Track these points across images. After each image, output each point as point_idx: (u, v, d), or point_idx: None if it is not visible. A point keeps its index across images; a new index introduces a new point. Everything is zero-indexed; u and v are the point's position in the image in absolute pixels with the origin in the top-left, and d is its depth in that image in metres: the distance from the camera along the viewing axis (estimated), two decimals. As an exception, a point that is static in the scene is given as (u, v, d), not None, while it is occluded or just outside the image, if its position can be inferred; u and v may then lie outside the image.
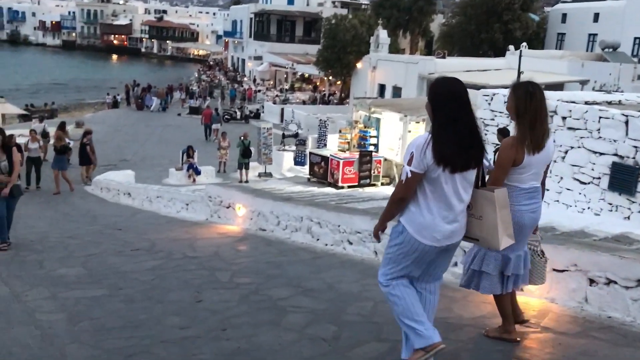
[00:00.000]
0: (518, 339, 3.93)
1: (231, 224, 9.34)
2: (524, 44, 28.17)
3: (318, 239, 7.44)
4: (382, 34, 35.06)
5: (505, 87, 13.91)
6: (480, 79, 23.89)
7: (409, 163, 3.20)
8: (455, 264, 5.46)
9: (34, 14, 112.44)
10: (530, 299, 4.80)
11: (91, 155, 18.04)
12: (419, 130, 16.56)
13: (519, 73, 21.32)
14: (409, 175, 3.21)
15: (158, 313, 4.93)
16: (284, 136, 23.29)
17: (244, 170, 18.92)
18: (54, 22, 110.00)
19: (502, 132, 10.07)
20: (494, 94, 12.27)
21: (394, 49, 37.82)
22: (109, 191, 15.25)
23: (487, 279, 3.78)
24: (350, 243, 6.95)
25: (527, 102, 3.56)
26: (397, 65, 30.94)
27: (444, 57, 29.85)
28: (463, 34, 40.01)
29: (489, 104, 12.29)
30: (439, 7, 51.61)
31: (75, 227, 10.20)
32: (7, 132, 18.75)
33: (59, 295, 5.54)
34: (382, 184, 17.50)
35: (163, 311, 4.98)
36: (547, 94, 3.89)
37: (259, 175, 19.84)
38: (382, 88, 32.13)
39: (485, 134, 12.36)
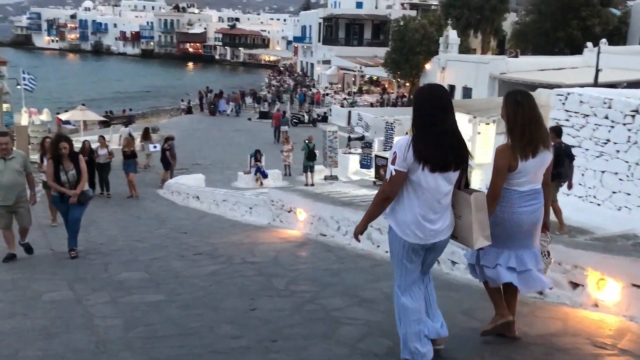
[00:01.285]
0: (511, 317, 3.95)
1: (292, 228, 9.27)
2: (604, 40, 26.71)
3: (378, 246, 7.22)
4: (452, 34, 34.34)
5: (582, 86, 13.17)
6: (555, 78, 22.86)
7: (393, 162, 3.40)
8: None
9: (115, 25, 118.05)
10: (606, 316, 4.41)
11: (170, 160, 18.83)
12: (489, 132, 15.95)
13: (597, 71, 20.23)
14: (393, 173, 3.40)
15: (211, 320, 4.87)
16: (350, 139, 23.15)
17: (309, 173, 18.92)
18: (133, 33, 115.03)
19: (555, 130, 9.60)
20: (568, 94, 11.60)
21: (464, 49, 36.97)
22: (179, 195, 15.60)
23: (488, 270, 3.89)
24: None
25: (516, 111, 3.71)
26: (467, 66, 30.18)
27: (516, 56, 28.84)
28: (537, 32, 38.47)
29: (563, 104, 11.62)
30: (512, 5, 49.91)
31: (143, 230, 10.44)
32: (84, 138, 19.61)
33: (118, 300, 5.61)
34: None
35: (216, 319, 4.92)
36: (628, 92, 3.60)
37: (325, 178, 19.78)
38: (451, 89, 31.40)
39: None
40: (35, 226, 9.19)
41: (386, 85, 47.38)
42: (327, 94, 46.84)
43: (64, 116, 29.69)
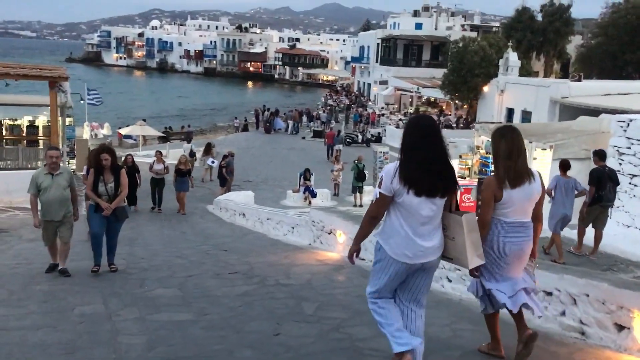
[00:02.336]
0: (502, 354, 4.16)
1: (332, 250, 9.11)
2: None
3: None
4: (512, 56, 33.58)
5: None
6: (621, 104, 21.87)
7: (379, 186, 3.62)
8: (564, 314, 4.79)
9: (180, 44, 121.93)
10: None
11: (226, 176, 19.29)
12: (546, 157, 15.37)
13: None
14: (378, 196, 3.64)
15: (233, 344, 4.76)
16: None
17: (358, 194, 18.73)
18: (197, 51, 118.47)
19: (598, 154, 9.56)
20: (630, 120, 11.03)
21: (525, 72, 36.04)
22: (226, 211, 15.72)
23: (490, 298, 4.08)
24: (449, 280, 6.43)
25: (501, 144, 3.92)
26: (527, 89, 29.37)
27: (579, 79, 27.81)
28: (603, 55, 37.15)
29: (625, 130, 11.04)
30: (577, 27, 48.50)
31: (185, 246, 10.51)
32: (145, 152, 19.97)
33: (146, 317, 5.59)
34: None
35: (238, 342, 4.81)
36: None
37: (374, 200, 19.50)
38: (510, 112, 30.66)
39: (620, 164, 11.13)
40: (83, 237, 9.39)
41: (444, 107, 46.77)
42: (383, 114, 46.62)
43: (124, 131, 30.76)
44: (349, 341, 4.75)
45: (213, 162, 24.28)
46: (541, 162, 15.37)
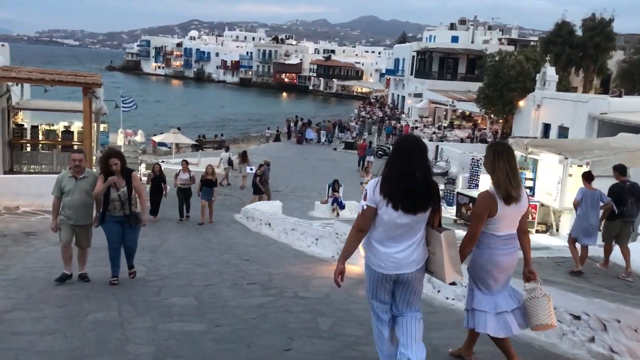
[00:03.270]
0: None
1: (355, 263, 8.88)
2: None
3: (439, 291, 6.72)
4: (549, 71, 32.91)
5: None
6: (663, 120, 21.17)
7: (365, 199, 3.81)
8: (593, 340, 4.49)
9: (217, 54, 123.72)
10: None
11: (260, 185, 19.29)
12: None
13: None
14: (365, 208, 3.80)
15: (242, 358, 4.61)
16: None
17: (387, 208, 18.44)
18: (233, 62, 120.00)
19: (619, 169, 9.41)
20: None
21: (564, 87, 35.32)
22: (253, 220, 15.64)
23: (482, 316, 4.18)
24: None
25: (496, 161, 4.04)
26: (565, 104, 28.70)
27: (619, 95, 27.05)
28: (646, 71, 36.14)
29: (664, 148, 10.58)
30: (619, 42, 47.29)
31: (208, 255, 10.43)
32: (176, 159, 19.95)
33: (158, 327, 5.48)
34: (537, 232, 15.97)
35: (247, 356, 4.65)
36: None
37: (404, 213, 19.20)
38: (546, 127, 29.99)
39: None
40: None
41: (479, 121, 46.11)
42: (417, 127, 46.19)
43: (157, 138, 31.14)
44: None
45: (251, 169, 24.62)
46: (577, 178, 14.90)
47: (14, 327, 5.34)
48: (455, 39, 60.80)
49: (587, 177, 9.40)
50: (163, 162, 16.30)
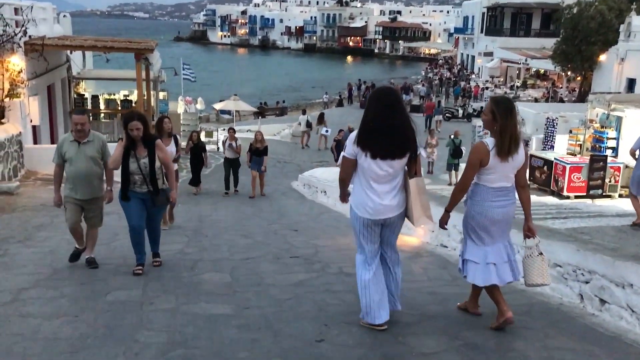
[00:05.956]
0: (479, 312, 4.55)
1: (411, 234, 8.05)
2: None
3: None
4: (635, 21, 29.97)
5: None
6: None
7: (344, 151, 4.07)
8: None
9: (281, 21, 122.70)
10: None
11: (334, 151, 18.78)
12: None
13: None
14: (342, 159, 4.11)
15: (263, 351, 3.90)
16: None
17: (453, 172, 17.30)
18: (297, 27, 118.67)
19: None
20: None
21: (651, 37, 32.16)
22: (309, 188, 14.98)
23: (472, 267, 4.28)
24: (548, 279, 5.19)
25: (507, 119, 4.03)
26: (653, 56, 26.10)
27: None
28: None
29: None
30: None
31: (255, 225, 9.81)
32: (249, 127, 19.21)
33: (180, 309, 4.86)
34: (620, 196, 14.45)
35: (271, 349, 3.94)
36: None
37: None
38: (630, 83, 27.50)
39: None
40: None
41: (555, 80, 43.28)
42: (487, 88, 43.92)
43: (218, 106, 30.86)
44: (408, 357, 3.73)
45: (327, 130, 24.43)
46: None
47: (25, 308, 4.86)
48: (528, -8, 57.09)
49: None
50: (195, 132, 15.01)
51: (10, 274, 5.92)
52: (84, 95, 21.62)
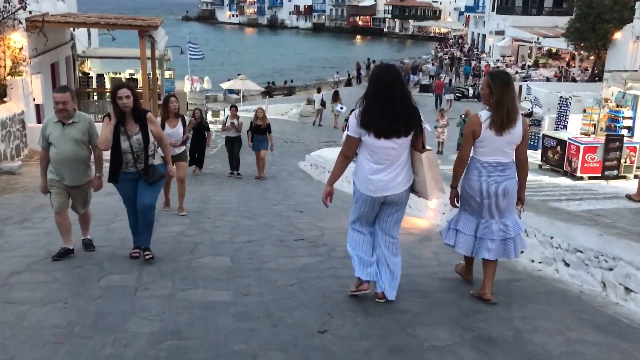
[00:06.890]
0: (470, 279, 4.73)
1: (421, 216, 7.75)
2: None
3: (522, 252, 5.47)
4: (652, -3, 29.18)
5: None
6: None
7: (347, 129, 4.08)
8: None
9: (290, 0, 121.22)
10: None
11: (344, 129, 18.31)
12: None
13: None
14: (345, 138, 4.10)
15: (261, 343, 3.63)
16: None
17: (464, 153, 16.92)
18: (306, 7, 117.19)
19: None
20: None
21: (668, 14, 31.32)
22: (316, 168, 14.68)
23: (462, 238, 4.38)
24: (567, 264, 4.87)
25: (505, 92, 4.05)
26: (670, 33, 25.39)
27: None
28: None
29: None
30: None
31: (261, 205, 9.54)
32: (256, 106, 18.87)
33: (175, 295, 4.59)
34: (636, 177, 14.03)
35: (269, 340, 3.66)
36: None
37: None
38: (646, 61, 26.82)
39: None
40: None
41: (568, 59, 42.44)
42: (498, 67, 43.22)
43: (225, 85, 30.46)
44: (416, 350, 3.46)
45: (342, 107, 24.31)
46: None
47: (12, 294, 4.60)
48: (541, -31, 55.90)
49: None
50: (198, 109, 14.33)
51: (1, 257, 5.68)
52: (89, 74, 21.32)
